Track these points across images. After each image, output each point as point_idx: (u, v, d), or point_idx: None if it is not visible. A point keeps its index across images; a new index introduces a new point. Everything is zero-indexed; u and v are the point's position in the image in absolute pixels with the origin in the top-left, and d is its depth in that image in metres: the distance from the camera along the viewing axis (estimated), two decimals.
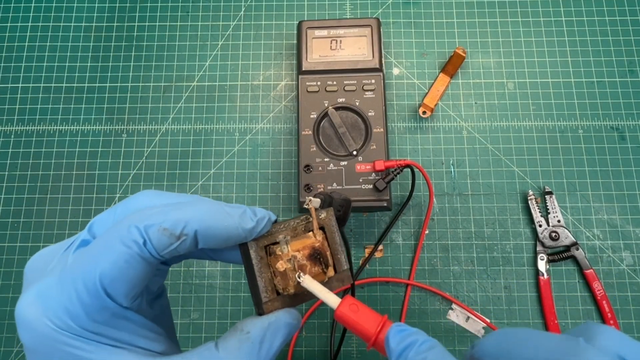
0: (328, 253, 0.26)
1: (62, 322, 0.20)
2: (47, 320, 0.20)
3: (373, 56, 0.47)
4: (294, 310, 0.25)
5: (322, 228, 0.27)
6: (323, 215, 0.27)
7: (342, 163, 0.44)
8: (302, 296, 0.26)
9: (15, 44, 0.54)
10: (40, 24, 0.54)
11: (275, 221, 0.26)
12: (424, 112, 0.50)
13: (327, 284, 0.26)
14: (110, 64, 0.53)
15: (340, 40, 0.48)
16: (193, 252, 0.27)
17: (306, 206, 0.26)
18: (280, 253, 0.25)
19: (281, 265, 0.24)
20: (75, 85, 0.53)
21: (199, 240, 0.22)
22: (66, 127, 0.51)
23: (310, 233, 0.26)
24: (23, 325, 0.21)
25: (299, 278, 0.24)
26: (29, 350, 0.21)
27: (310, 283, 0.24)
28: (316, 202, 0.27)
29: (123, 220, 0.22)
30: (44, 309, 0.21)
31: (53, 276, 0.21)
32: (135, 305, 0.22)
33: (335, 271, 0.27)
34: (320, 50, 0.48)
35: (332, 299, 0.25)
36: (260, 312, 0.25)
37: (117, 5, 0.55)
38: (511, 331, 0.23)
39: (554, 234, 0.46)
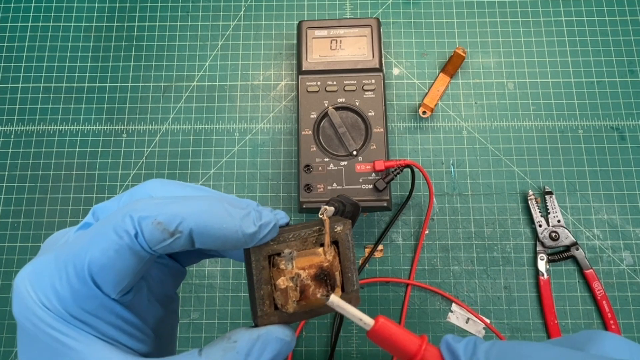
0: (337, 273, 0.24)
1: (49, 302, 0.20)
2: (35, 296, 0.20)
3: (373, 56, 0.47)
4: (289, 327, 0.24)
5: (335, 242, 0.25)
6: (339, 228, 0.25)
7: (342, 163, 0.44)
8: (302, 314, 0.24)
9: (15, 44, 0.54)
10: (40, 24, 0.54)
11: (287, 224, 0.24)
12: (424, 112, 0.50)
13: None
14: (110, 64, 0.53)
15: (340, 40, 0.48)
16: (195, 250, 0.26)
17: (321, 216, 0.24)
18: (283, 268, 0.23)
19: (282, 282, 0.23)
20: (75, 85, 0.53)
21: (195, 240, 0.21)
22: (66, 127, 0.51)
23: (321, 249, 0.24)
24: (16, 297, 0.21)
25: (326, 298, 0.22)
26: (17, 323, 0.21)
27: (339, 303, 0.22)
28: (330, 210, 0.25)
29: (122, 207, 0.21)
30: (35, 284, 0.20)
31: (51, 253, 0.21)
32: (126, 299, 0.22)
33: (343, 290, 0.25)
34: (320, 50, 0.48)
35: (366, 319, 0.23)
36: (255, 324, 0.24)
37: (117, 5, 0.55)
38: (511, 344, 0.22)
39: (554, 234, 0.46)
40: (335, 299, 0.22)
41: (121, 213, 0.20)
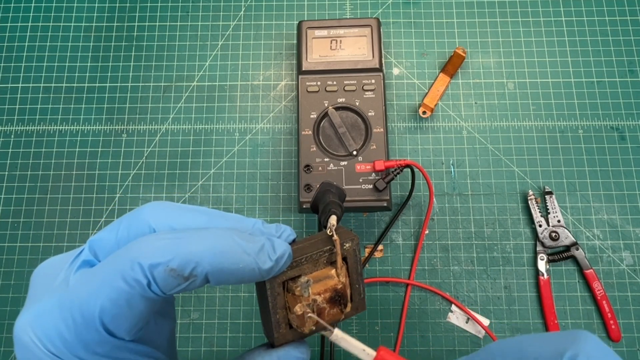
0: (348, 290, 0.25)
1: (56, 349, 0.20)
2: (42, 345, 0.20)
3: (373, 56, 0.47)
4: (304, 343, 0.24)
5: (343, 258, 0.26)
6: (347, 245, 0.26)
7: (342, 163, 0.44)
8: (315, 330, 0.25)
9: (15, 44, 0.54)
10: (40, 24, 0.54)
11: (294, 241, 0.25)
12: (424, 112, 0.50)
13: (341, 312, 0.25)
14: (110, 64, 0.53)
15: (340, 40, 0.48)
16: None
17: (329, 233, 0.25)
18: (299, 294, 0.23)
19: (299, 309, 0.23)
20: (75, 85, 0.53)
21: (211, 280, 0.20)
22: (66, 127, 0.51)
23: (333, 271, 0.25)
24: (19, 346, 0.20)
25: (329, 335, 0.23)
26: None
27: (342, 337, 0.23)
28: (333, 220, 0.26)
29: (127, 249, 0.20)
30: (40, 332, 0.20)
31: (53, 298, 0.20)
32: (138, 335, 0.21)
33: (351, 300, 0.26)
34: (320, 50, 0.48)
35: (368, 350, 0.24)
36: (271, 343, 0.24)
37: (117, 5, 0.55)
38: (500, 344, 0.22)
39: (554, 234, 0.46)
40: (339, 334, 0.23)
41: (128, 258, 0.19)
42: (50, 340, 0.20)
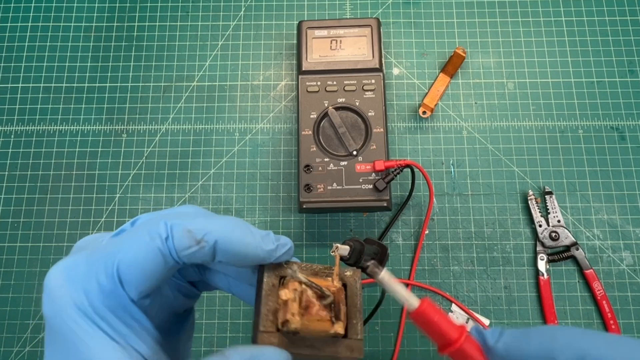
0: (343, 307, 0.25)
1: (78, 299, 0.21)
2: (67, 292, 0.21)
3: (373, 56, 0.47)
4: (285, 352, 0.23)
5: (344, 285, 0.25)
6: (349, 273, 0.26)
7: (342, 163, 0.44)
8: (303, 345, 0.24)
9: (15, 44, 0.54)
10: (40, 24, 0.54)
11: None
12: (424, 112, 0.50)
13: (334, 344, 0.24)
14: (110, 64, 0.53)
15: (340, 40, 0.48)
16: (214, 276, 0.27)
17: (332, 253, 0.25)
18: (288, 279, 0.24)
19: (285, 294, 0.23)
20: (75, 85, 0.53)
21: (217, 251, 0.23)
22: (66, 127, 0.51)
23: (329, 278, 0.25)
24: (47, 292, 0.22)
25: (375, 276, 0.23)
26: (46, 320, 0.22)
27: (389, 279, 0.23)
28: (344, 249, 0.25)
29: (157, 215, 0.24)
30: (67, 281, 0.21)
31: (83, 253, 0.23)
32: (143, 304, 0.23)
33: (346, 334, 0.24)
34: (320, 50, 0.48)
35: (412, 300, 0.23)
36: (254, 341, 0.24)
37: (117, 5, 0.55)
38: (540, 328, 0.22)
39: (554, 234, 0.46)
40: (386, 275, 0.23)
41: (156, 219, 0.23)
42: (75, 289, 0.21)
